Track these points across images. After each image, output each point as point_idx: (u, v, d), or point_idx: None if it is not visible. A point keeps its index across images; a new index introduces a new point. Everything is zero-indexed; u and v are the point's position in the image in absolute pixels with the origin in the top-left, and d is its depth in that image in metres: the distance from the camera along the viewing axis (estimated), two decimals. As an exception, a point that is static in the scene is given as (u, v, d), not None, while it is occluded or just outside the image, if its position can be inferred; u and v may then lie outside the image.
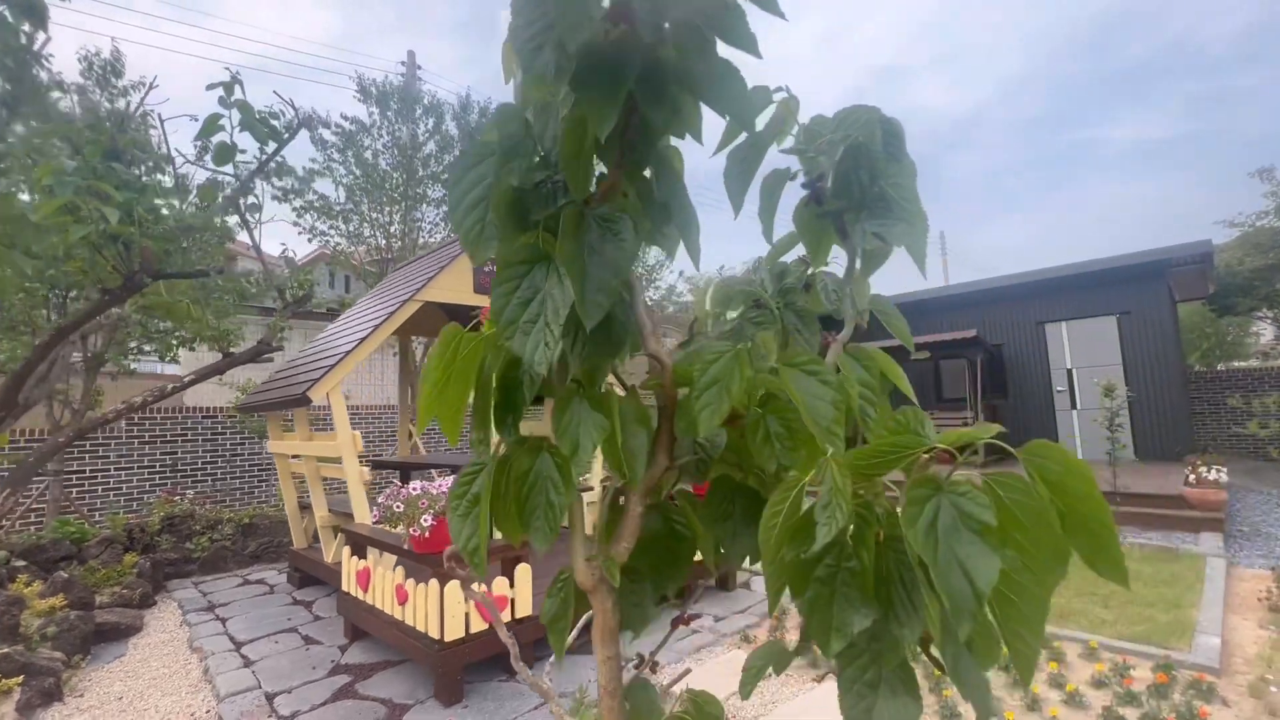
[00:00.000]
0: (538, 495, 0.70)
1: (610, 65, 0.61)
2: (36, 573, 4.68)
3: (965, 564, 0.44)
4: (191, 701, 3.47)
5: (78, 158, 1.81)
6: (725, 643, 3.86)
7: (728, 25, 0.63)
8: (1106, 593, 4.47)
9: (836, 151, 0.82)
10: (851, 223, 0.82)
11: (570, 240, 0.66)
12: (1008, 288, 11.16)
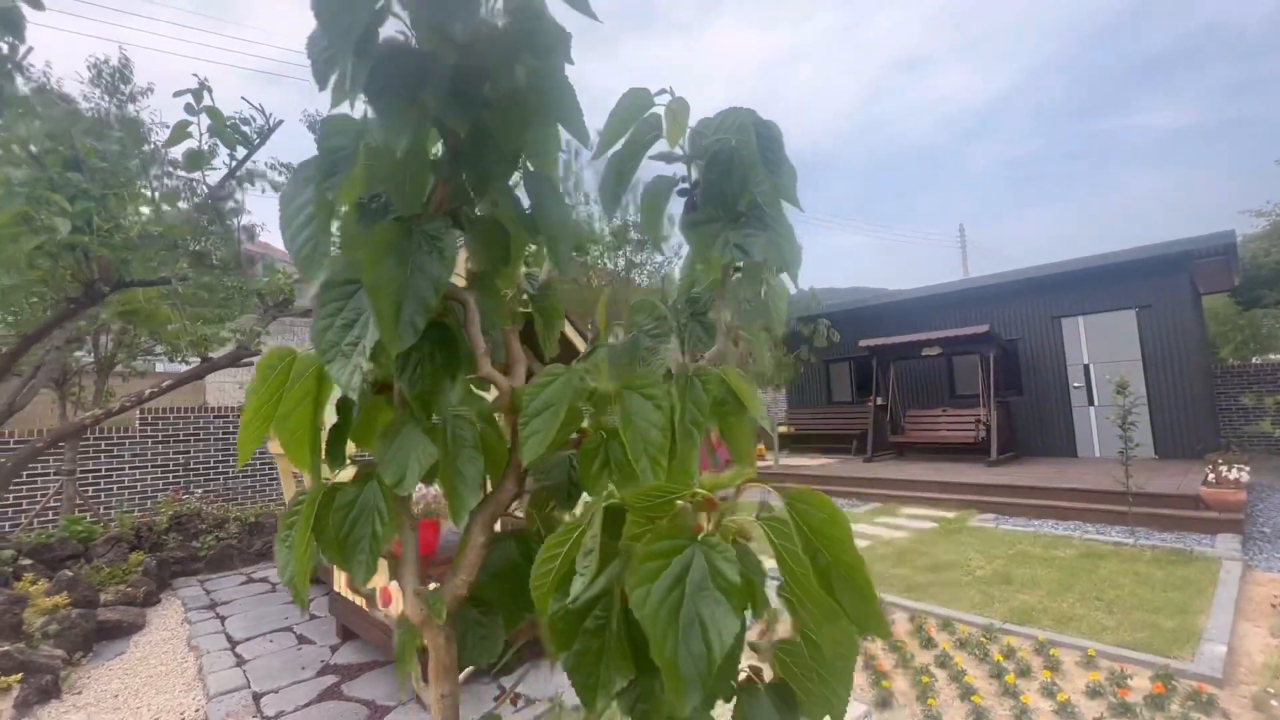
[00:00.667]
0: (362, 527, 0.67)
1: (405, 75, 0.57)
2: (43, 571, 4.80)
3: (707, 625, 0.40)
4: (183, 700, 3.52)
5: (34, 167, 1.83)
6: (713, 646, 3.82)
7: (536, 33, 0.59)
8: (1111, 597, 4.34)
9: (704, 158, 0.78)
10: (716, 234, 0.77)
11: (383, 260, 0.63)
12: (1023, 281, 10.90)
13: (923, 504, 8.04)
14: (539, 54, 0.62)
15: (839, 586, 0.45)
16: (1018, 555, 5.51)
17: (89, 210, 1.87)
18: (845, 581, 0.43)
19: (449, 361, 0.71)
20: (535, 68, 0.67)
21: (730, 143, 0.79)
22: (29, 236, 1.75)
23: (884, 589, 4.73)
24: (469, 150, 0.70)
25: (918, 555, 5.64)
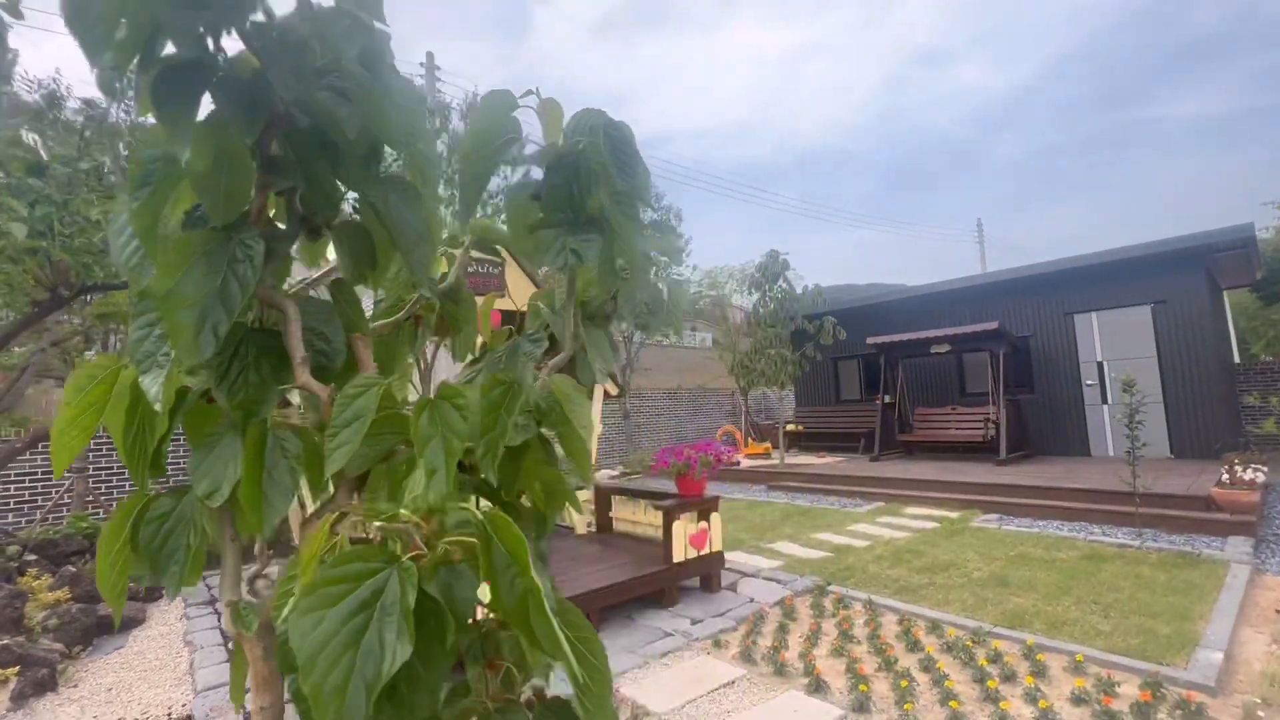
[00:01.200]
0: (176, 539, 0.66)
1: (185, 87, 0.56)
2: (47, 567, 4.92)
3: (385, 650, 0.38)
4: (172, 695, 3.59)
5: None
6: (695, 647, 3.80)
7: (332, 36, 0.58)
8: (1109, 601, 4.24)
9: (548, 162, 0.76)
10: (553, 239, 0.75)
11: (188, 269, 0.62)
12: (1035, 277, 10.68)
13: (927, 504, 7.93)
14: (341, 54, 0.61)
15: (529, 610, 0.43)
16: (1018, 557, 5.40)
17: (49, 215, 1.91)
18: (529, 606, 0.41)
19: (278, 370, 0.70)
20: (351, 73, 0.66)
21: (577, 146, 0.78)
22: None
23: (876, 590, 4.67)
24: (296, 159, 0.69)
25: (915, 556, 5.56)
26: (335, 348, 0.76)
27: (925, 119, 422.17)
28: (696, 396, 17.08)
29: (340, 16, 0.61)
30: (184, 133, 0.57)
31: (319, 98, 0.64)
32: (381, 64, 0.68)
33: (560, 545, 5.29)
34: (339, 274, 0.89)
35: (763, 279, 10.82)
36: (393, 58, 0.76)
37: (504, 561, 0.42)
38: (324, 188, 0.75)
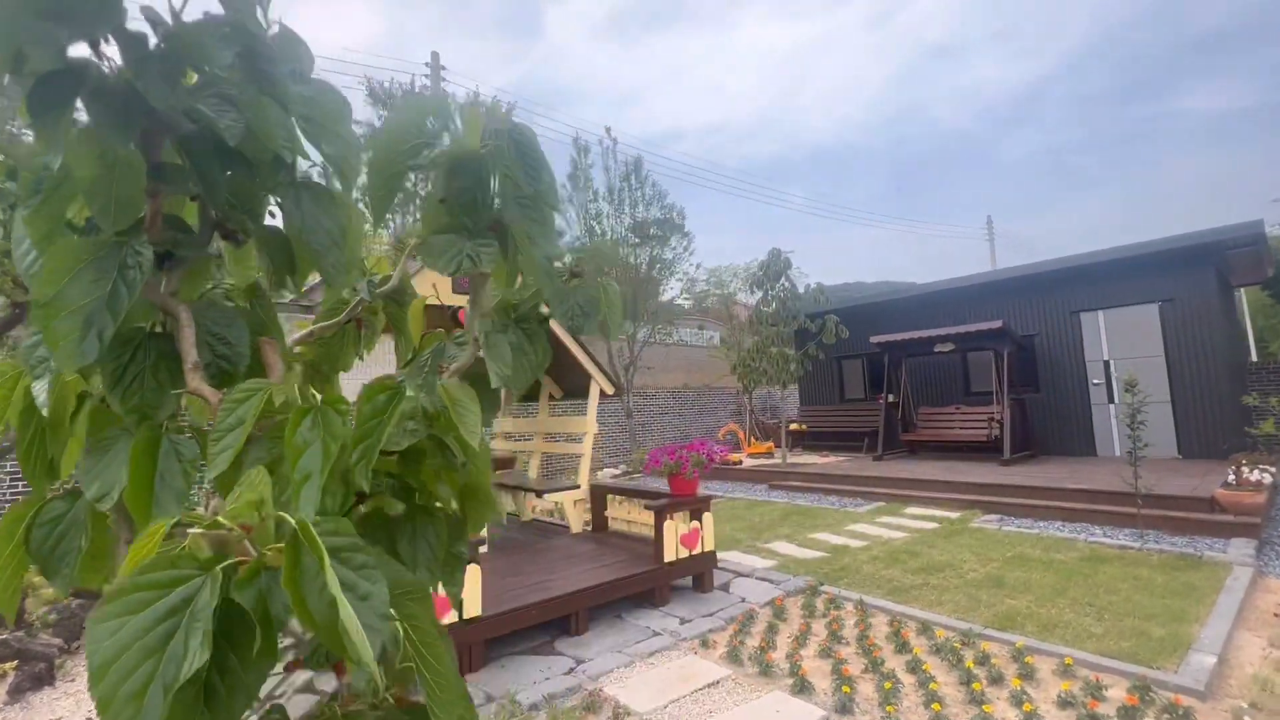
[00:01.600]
0: (69, 541, 0.67)
1: (57, 95, 0.57)
2: (49, 563, 5.00)
3: (186, 656, 0.39)
4: (165, 690, 3.64)
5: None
6: (683, 647, 3.80)
7: (200, 46, 0.59)
8: (1103, 604, 4.19)
9: (448, 165, 0.76)
10: (449, 244, 0.76)
11: (73, 276, 0.63)
12: (1041, 275, 10.57)
13: (928, 504, 7.87)
14: (213, 62, 0.61)
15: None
16: (1015, 558, 5.36)
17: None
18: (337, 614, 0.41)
19: (177, 375, 0.71)
20: (234, 79, 0.67)
21: (477, 150, 0.78)
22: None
23: (869, 591, 4.65)
24: (193, 165, 0.70)
25: (912, 556, 5.52)
26: (238, 352, 0.77)
27: (937, 115, 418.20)
28: (702, 395, 17.06)
29: (216, 24, 0.62)
30: (55, 141, 0.58)
31: (199, 105, 0.64)
32: (268, 68, 0.69)
33: (554, 544, 5.31)
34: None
35: (765, 277, 10.78)
36: (305, 63, 0.77)
37: (313, 569, 0.42)
38: (224, 194, 0.76)
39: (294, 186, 0.80)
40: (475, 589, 3.51)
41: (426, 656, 0.56)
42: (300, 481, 0.59)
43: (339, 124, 0.80)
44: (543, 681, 3.35)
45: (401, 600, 0.64)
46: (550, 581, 4.19)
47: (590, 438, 6.02)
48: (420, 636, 0.56)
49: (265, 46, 0.67)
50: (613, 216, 13.21)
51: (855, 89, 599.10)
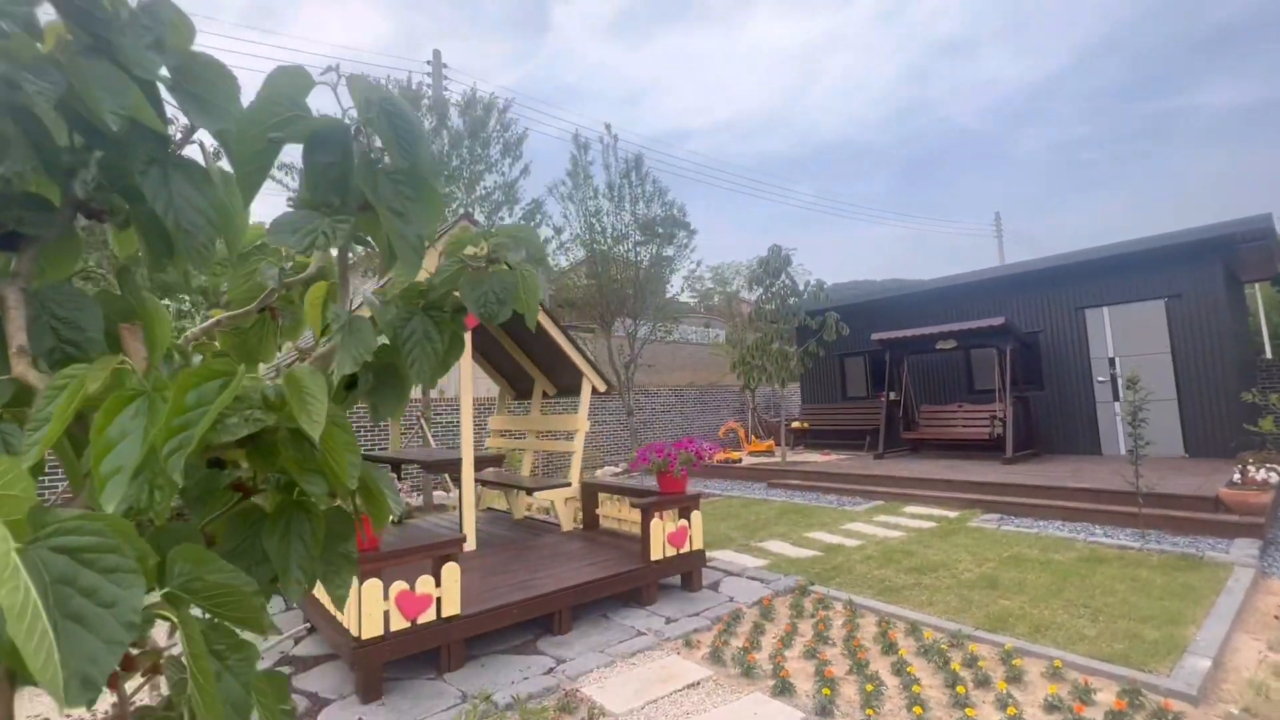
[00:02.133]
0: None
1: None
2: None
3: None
4: (139, 685, 3.62)
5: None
6: (666, 647, 3.75)
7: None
8: (1098, 605, 4.10)
9: (308, 137, 0.71)
10: (303, 222, 0.71)
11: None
12: (1045, 271, 10.42)
13: (927, 503, 7.77)
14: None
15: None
16: (1012, 558, 5.26)
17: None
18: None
19: (4, 360, 0.67)
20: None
21: (340, 121, 0.73)
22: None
23: (860, 591, 4.58)
24: (26, 138, 0.65)
25: (906, 556, 5.44)
26: (89, 338, 0.72)
27: (947, 113, 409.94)
28: (705, 393, 16.98)
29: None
30: None
31: (25, 73, 0.60)
32: (106, 33, 0.64)
33: (543, 542, 5.27)
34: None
35: (765, 274, 10.69)
36: (178, 34, 0.72)
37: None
38: (75, 169, 0.71)
39: (161, 163, 0.75)
40: (455, 587, 3.47)
41: (212, 661, 0.51)
42: (107, 476, 0.55)
43: (228, 101, 0.75)
44: (521, 681, 3.31)
45: (221, 601, 0.60)
46: (534, 580, 4.15)
47: (582, 435, 5.97)
48: (223, 638, 0.52)
49: (103, 12, 0.62)
50: (613, 213, 13.15)
51: (865, 86, 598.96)
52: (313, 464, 0.73)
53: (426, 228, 0.75)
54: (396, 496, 0.95)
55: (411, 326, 0.99)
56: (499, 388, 7.66)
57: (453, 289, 1.05)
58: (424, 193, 0.76)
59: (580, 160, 13.09)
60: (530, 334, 6.31)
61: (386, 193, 0.73)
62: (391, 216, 0.72)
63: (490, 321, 1.06)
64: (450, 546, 3.50)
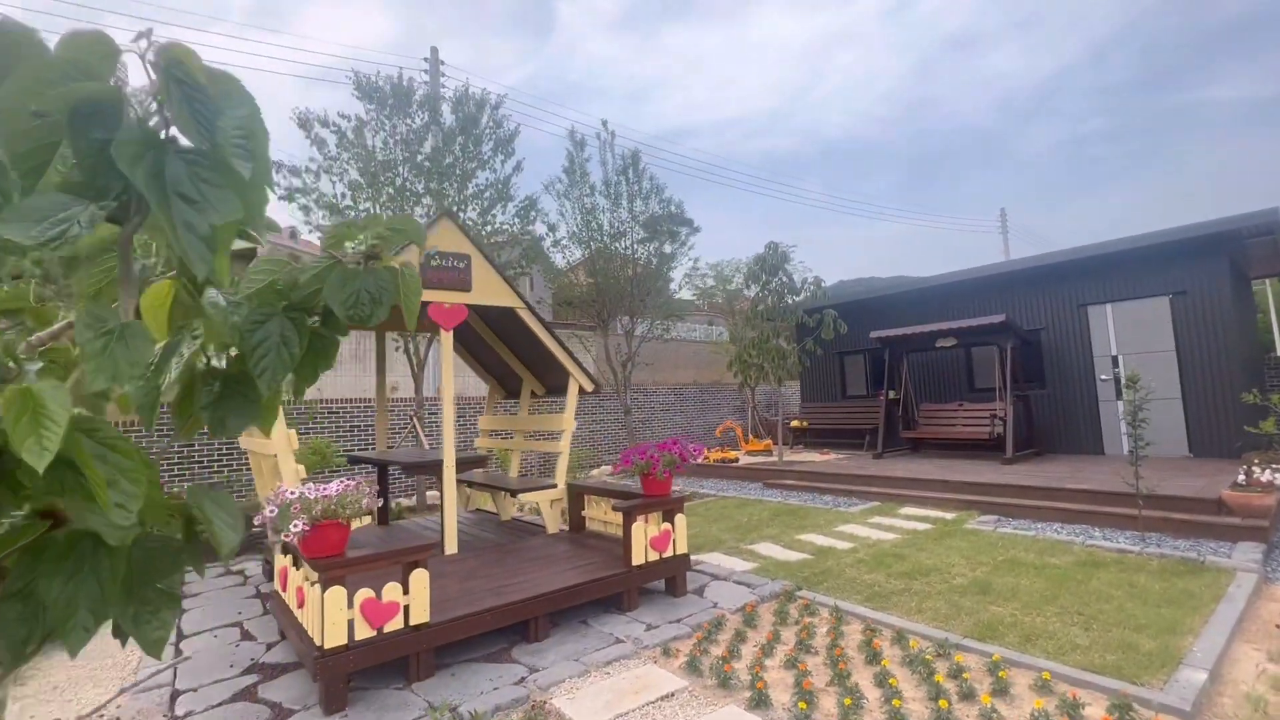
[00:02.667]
0: None
1: None
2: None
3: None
4: (110, 695, 3.55)
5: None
6: (644, 655, 3.64)
7: None
8: (1092, 613, 3.97)
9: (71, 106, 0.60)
10: (54, 205, 0.60)
11: None
12: (1047, 267, 10.23)
13: (924, 504, 7.64)
14: None
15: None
16: (1006, 562, 5.13)
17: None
18: None
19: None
20: None
21: (113, 90, 0.62)
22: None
23: (848, 596, 4.46)
24: None
25: (898, 560, 5.31)
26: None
27: (955, 109, 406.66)
28: (705, 392, 16.85)
29: None
30: None
31: None
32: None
33: (527, 545, 5.17)
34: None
35: (761, 271, 10.55)
36: None
37: None
38: None
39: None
40: (424, 594, 3.37)
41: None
42: None
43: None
44: (490, 691, 3.21)
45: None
46: (512, 585, 4.05)
47: (568, 435, 5.87)
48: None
49: None
50: (609, 210, 13.02)
51: (872, 82, 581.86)
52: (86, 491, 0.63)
53: (227, 218, 0.64)
54: (233, 520, 0.85)
55: (266, 330, 0.88)
56: (489, 387, 7.57)
57: (318, 288, 0.94)
58: (228, 178, 0.65)
59: (577, 157, 12.97)
60: (518, 333, 6.20)
61: (176, 175, 0.62)
62: (180, 204, 0.61)
63: (363, 324, 0.96)
64: (419, 552, 3.41)
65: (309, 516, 3.04)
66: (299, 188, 9.12)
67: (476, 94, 9.89)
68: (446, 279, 5.08)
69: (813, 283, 10.74)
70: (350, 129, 9.04)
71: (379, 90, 9.09)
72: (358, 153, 9.12)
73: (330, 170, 9.08)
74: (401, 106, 9.17)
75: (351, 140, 9.10)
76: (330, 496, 3.12)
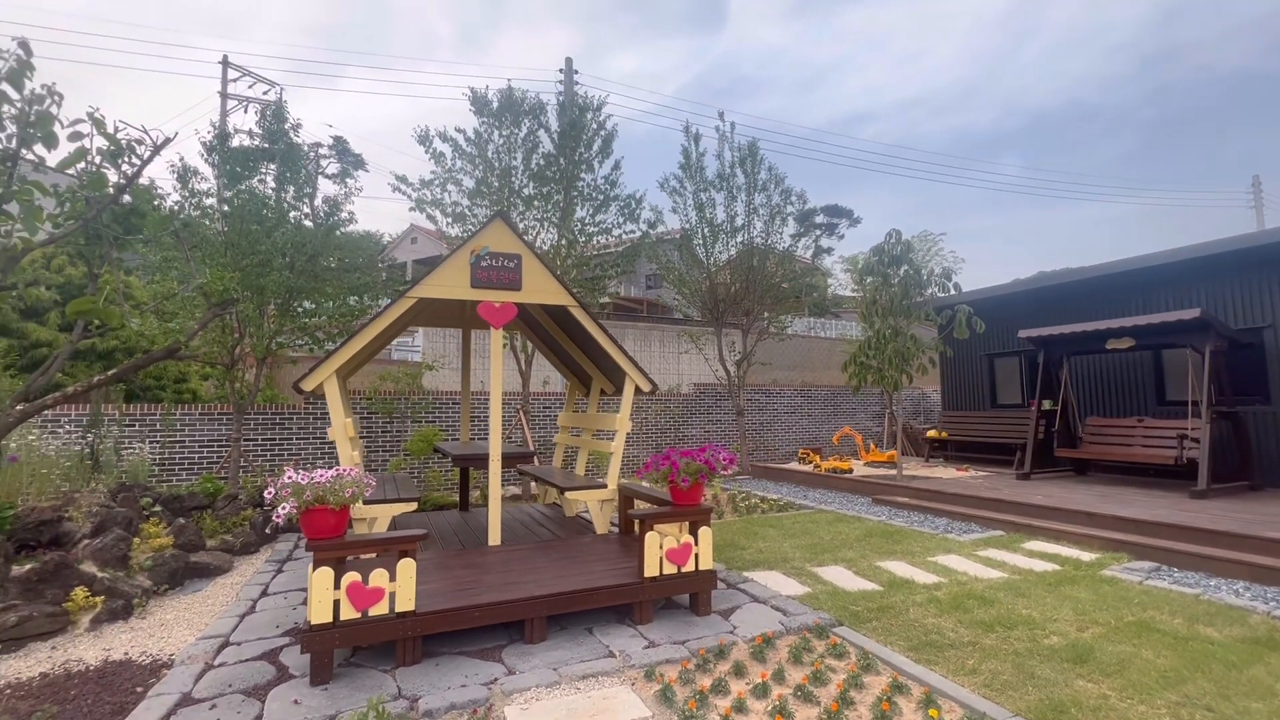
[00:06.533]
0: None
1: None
2: (170, 517, 6.08)
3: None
4: (189, 637, 4.17)
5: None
6: (624, 675, 3.41)
7: None
8: (1232, 713, 2.95)
9: None
10: None
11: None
12: (1271, 247, 7.90)
13: (1059, 539, 6.31)
14: None
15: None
16: (1134, 624, 4.03)
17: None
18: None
19: None
20: None
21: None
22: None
23: (894, 641, 3.80)
24: None
25: (983, 605, 4.43)
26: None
27: (1209, 59, 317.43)
28: (837, 394, 15.66)
29: None
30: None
31: None
32: None
33: (569, 544, 5.17)
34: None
35: (880, 264, 9.48)
36: None
37: None
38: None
39: None
40: (409, 583, 3.49)
41: None
42: None
43: None
44: (457, 688, 3.22)
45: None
46: (519, 583, 4.05)
47: (622, 435, 5.76)
48: None
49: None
50: (724, 204, 12.64)
51: (1093, 39, 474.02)
52: None
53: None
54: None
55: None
56: (568, 384, 7.72)
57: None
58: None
59: (692, 152, 12.78)
60: (582, 331, 6.22)
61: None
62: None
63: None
64: (407, 542, 3.53)
65: (299, 501, 3.29)
66: (426, 199, 10.07)
67: (581, 98, 10.15)
68: (496, 278, 5.23)
69: (941, 274, 9.41)
70: (465, 141, 9.78)
71: (489, 104, 9.71)
72: (476, 162, 9.84)
73: (449, 181, 9.90)
74: (514, 118, 9.71)
75: (467, 152, 9.84)
76: (320, 484, 3.35)
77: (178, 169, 7.53)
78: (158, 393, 10.18)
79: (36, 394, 3.43)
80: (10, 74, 3.07)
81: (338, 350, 4.80)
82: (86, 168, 2.96)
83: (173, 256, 6.97)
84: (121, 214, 3.20)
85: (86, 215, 3.02)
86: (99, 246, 3.28)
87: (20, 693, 3.30)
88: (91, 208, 2.97)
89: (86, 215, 3.02)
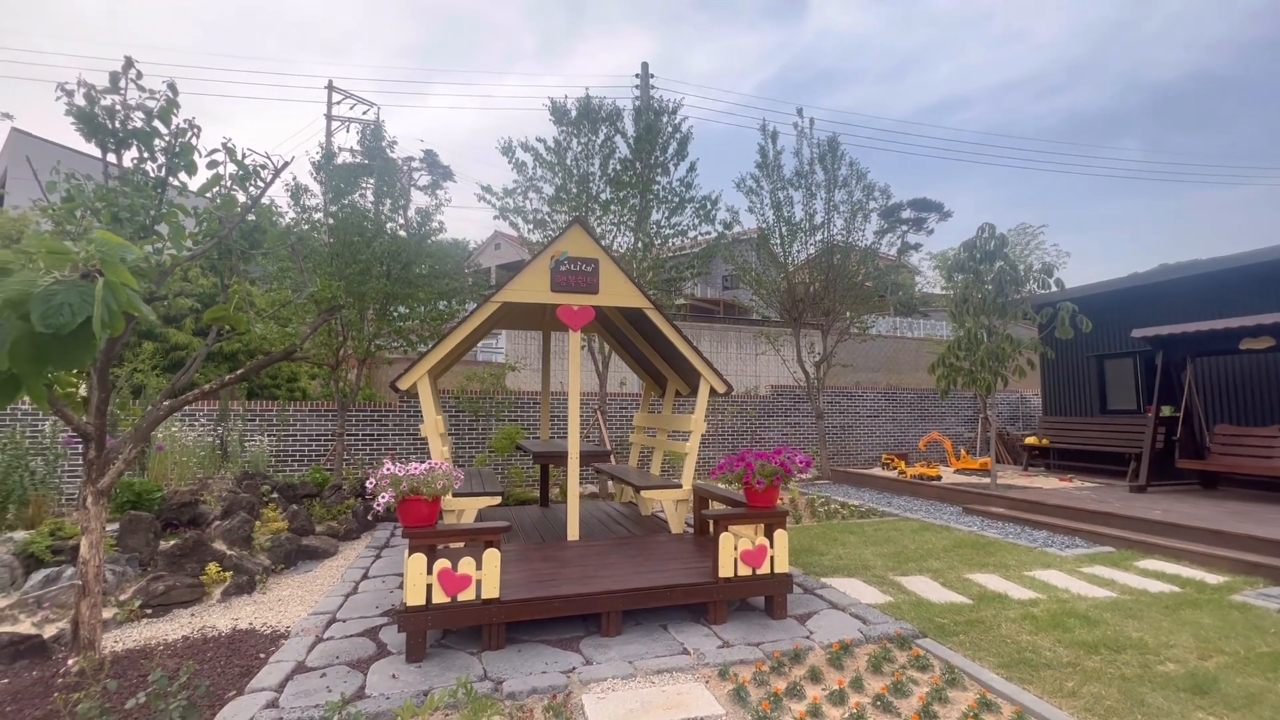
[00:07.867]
0: None
1: None
2: (284, 504, 6.70)
3: None
4: (299, 611, 4.60)
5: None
6: (698, 673, 3.45)
7: None
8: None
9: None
10: None
11: None
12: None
13: (1180, 558, 5.74)
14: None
15: None
16: (1268, 656, 3.62)
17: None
18: None
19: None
20: None
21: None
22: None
23: (982, 656, 3.61)
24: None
25: (1087, 625, 4.12)
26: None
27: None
28: (924, 398, 14.94)
29: None
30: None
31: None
32: None
33: (642, 541, 5.26)
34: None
35: (970, 260, 8.96)
36: None
37: None
38: None
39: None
40: (494, 572, 3.69)
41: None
42: None
43: None
44: (538, 674, 3.38)
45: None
46: (597, 578, 4.18)
47: (697, 437, 5.79)
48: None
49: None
50: (802, 202, 12.37)
51: (1229, 1, 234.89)
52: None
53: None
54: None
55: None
56: (644, 385, 7.83)
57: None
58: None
59: (769, 150, 12.60)
60: (658, 333, 6.32)
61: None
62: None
63: (61, 330, 1.15)
64: (492, 534, 3.74)
65: (396, 491, 3.56)
66: (509, 207, 10.51)
67: (656, 102, 10.27)
68: (574, 282, 5.41)
69: (1041, 270, 8.77)
70: (545, 150, 10.14)
71: (568, 113, 10.01)
72: (555, 169, 10.18)
73: (530, 189, 10.28)
74: (591, 125, 9.96)
75: (547, 160, 10.19)
76: (415, 475, 3.61)
77: (291, 187, 8.32)
78: (274, 390, 11.24)
79: (180, 391, 3.91)
80: (160, 112, 3.55)
81: (429, 352, 5.13)
82: (220, 190, 3.40)
83: (287, 267, 7.70)
84: (247, 230, 3.64)
85: (220, 233, 3.44)
86: (229, 260, 3.74)
87: (169, 651, 3.78)
88: (224, 226, 3.40)
89: (220, 233, 3.44)
